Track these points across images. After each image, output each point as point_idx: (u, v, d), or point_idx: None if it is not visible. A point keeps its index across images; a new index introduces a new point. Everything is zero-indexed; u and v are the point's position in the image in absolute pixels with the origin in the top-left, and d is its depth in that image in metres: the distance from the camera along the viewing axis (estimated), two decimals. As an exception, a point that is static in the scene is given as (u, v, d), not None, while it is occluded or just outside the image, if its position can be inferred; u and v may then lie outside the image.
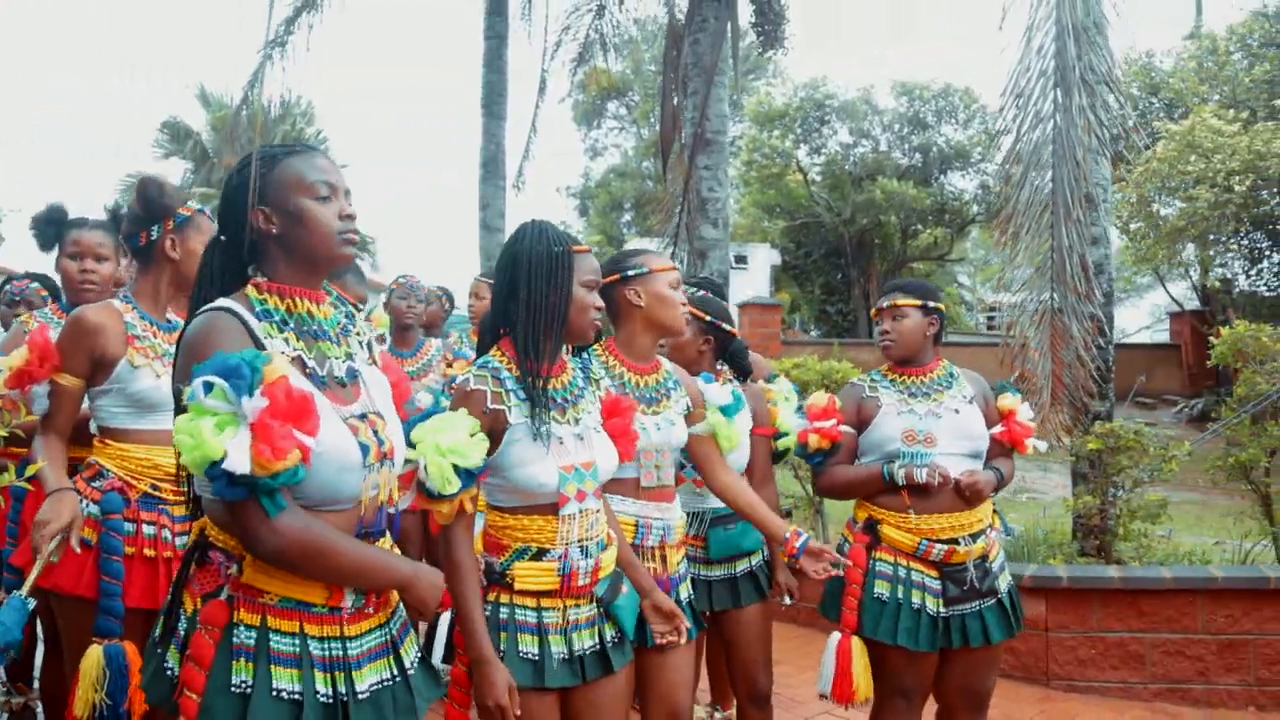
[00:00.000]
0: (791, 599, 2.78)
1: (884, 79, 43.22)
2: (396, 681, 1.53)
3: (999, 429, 2.61)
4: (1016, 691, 3.90)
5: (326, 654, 1.43)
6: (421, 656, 1.63)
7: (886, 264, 21.37)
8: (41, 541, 1.95)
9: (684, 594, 2.26)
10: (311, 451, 1.30)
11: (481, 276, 4.21)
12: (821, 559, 2.22)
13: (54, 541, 1.97)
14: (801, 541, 2.23)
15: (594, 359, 2.17)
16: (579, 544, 1.86)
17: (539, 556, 1.84)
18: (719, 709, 3.35)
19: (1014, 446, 2.62)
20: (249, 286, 1.49)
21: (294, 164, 1.50)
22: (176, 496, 2.13)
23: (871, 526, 2.53)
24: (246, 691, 1.36)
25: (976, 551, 2.48)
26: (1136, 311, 26.18)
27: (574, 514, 1.85)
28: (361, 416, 1.50)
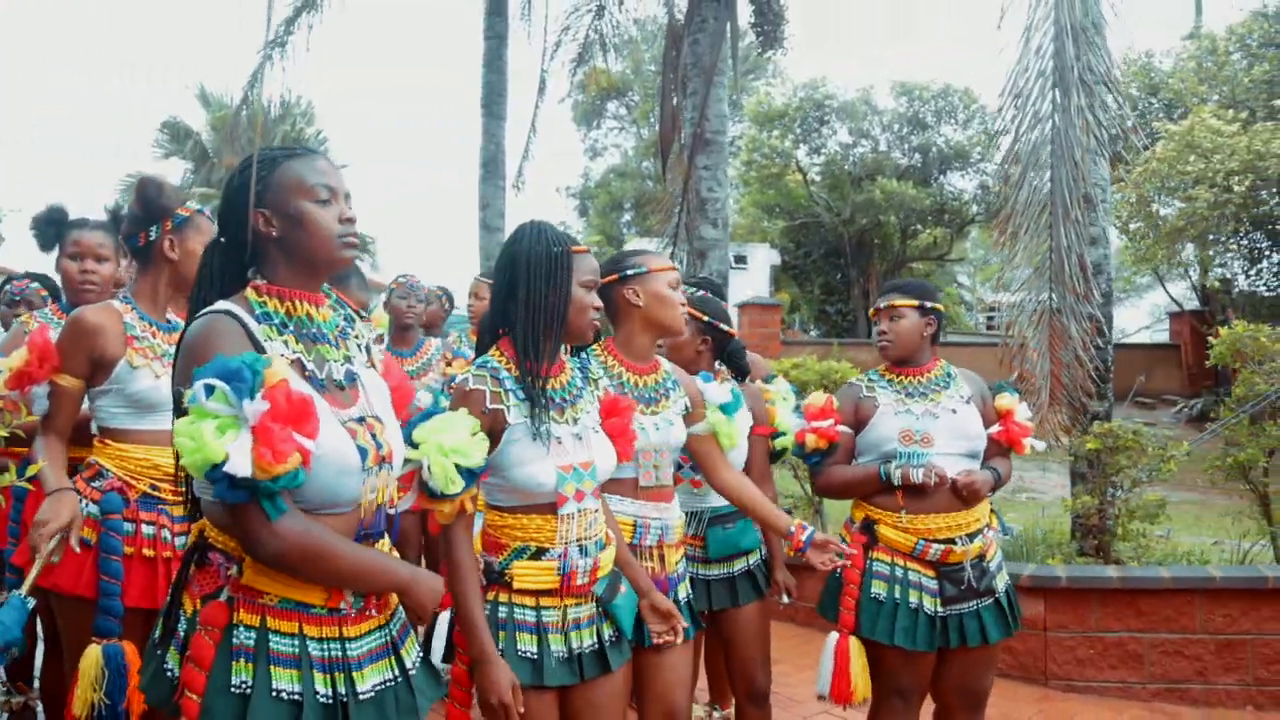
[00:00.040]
0: (789, 597, 2.79)
1: (883, 79, 43.29)
2: (398, 682, 1.53)
3: (996, 429, 2.62)
4: (1015, 691, 3.90)
5: (325, 655, 1.44)
6: (422, 656, 1.63)
7: (886, 264, 21.38)
8: (41, 541, 1.95)
9: (682, 593, 2.26)
10: (311, 455, 1.31)
11: (481, 276, 4.22)
12: (828, 550, 2.25)
13: (53, 541, 1.97)
14: (808, 534, 2.25)
15: (593, 359, 2.17)
16: (578, 543, 1.87)
17: (538, 556, 1.85)
18: (717, 708, 3.35)
19: (1011, 446, 2.62)
20: (248, 289, 1.50)
21: (294, 167, 1.50)
22: (176, 497, 2.13)
23: (868, 526, 2.54)
24: (246, 692, 1.37)
25: (973, 551, 2.48)
26: (1136, 311, 26.21)
27: (573, 513, 1.86)
28: (360, 420, 1.51)
